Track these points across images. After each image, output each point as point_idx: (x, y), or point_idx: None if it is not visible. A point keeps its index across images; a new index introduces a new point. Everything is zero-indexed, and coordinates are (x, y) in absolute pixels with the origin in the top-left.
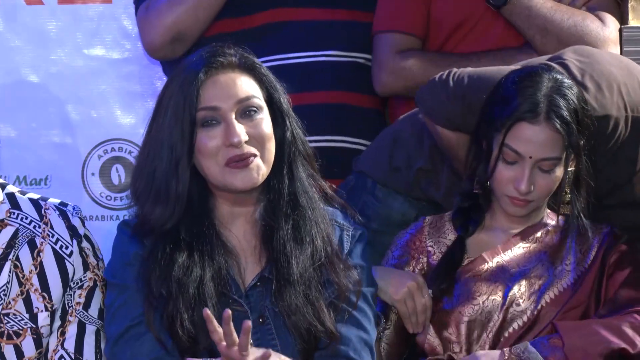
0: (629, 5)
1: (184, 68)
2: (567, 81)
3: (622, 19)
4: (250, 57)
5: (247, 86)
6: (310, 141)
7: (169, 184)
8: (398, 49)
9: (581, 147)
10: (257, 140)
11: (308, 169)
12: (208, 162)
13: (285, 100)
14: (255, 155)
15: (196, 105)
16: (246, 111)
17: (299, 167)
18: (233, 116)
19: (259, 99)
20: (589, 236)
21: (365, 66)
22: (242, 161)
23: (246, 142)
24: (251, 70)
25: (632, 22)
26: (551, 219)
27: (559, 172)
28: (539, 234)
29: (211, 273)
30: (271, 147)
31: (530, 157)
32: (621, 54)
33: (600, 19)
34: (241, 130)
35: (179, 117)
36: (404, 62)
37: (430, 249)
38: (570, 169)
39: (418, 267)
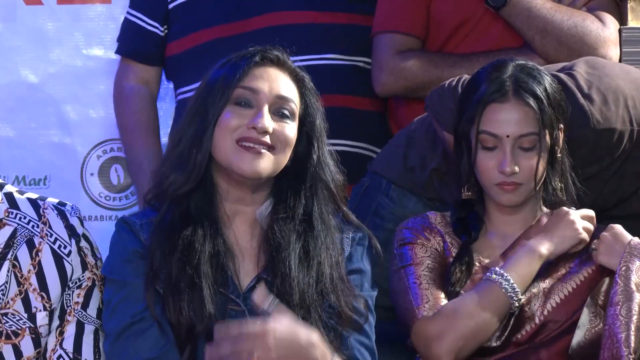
0: (629, 6)
1: (240, 53)
2: (532, 64)
3: (622, 19)
4: (304, 74)
5: (290, 90)
6: None
7: (190, 151)
8: (398, 49)
9: (554, 122)
10: (278, 138)
11: (329, 195)
12: (223, 137)
13: (321, 125)
14: (269, 148)
15: (237, 82)
16: (280, 111)
17: (319, 191)
18: (267, 107)
19: (296, 108)
20: (593, 234)
21: (365, 69)
22: (254, 147)
23: (269, 135)
24: (299, 82)
25: (632, 22)
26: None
27: (540, 151)
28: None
29: (210, 252)
30: (287, 153)
31: (508, 136)
32: (620, 54)
33: (601, 20)
34: (269, 123)
35: (218, 90)
36: (404, 63)
37: (443, 235)
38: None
39: (435, 247)
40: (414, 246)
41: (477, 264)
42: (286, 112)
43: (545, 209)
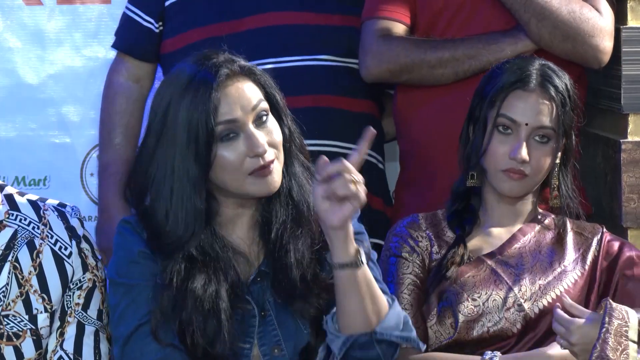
0: (628, 5)
1: (188, 83)
2: (555, 66)
3: (622, 19)
4: (247, 63)
5: (253, 92)
6: None
7: (190, 200)
8: (382, 33)
9: (572, 123)
10: (272, 146)
11: (303, 161)
12: (231, 175)
13: (280, 98)
14: (272, 161)
15: (214, 122)
16: (259, 117)
17: (294, 162)
18: (252, 126)
19: (265, 102)
20: (587, 236)
21: (358, 71)
22: (265, 169)
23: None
24: (251, 75)
25: (632, 22)
26: (545, 218)
27: (553, 148)
28: (533, 233)
29: (226, 287)
30: (282, 149)
31: (527, 124)
32: (620, 54)
33: (598, 10)
34: (263, 140)
35: (192, 135)
36: (387, 46)
37: (432, 241)
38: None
39: (418, 260)
40: (398, 260)
41: (468, 256)
42: (264, 113)
43: (541, 210)
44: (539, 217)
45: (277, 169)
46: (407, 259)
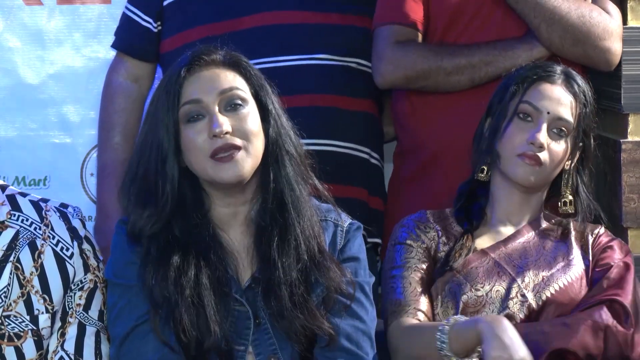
0: (628, 5)
1: (169, 71)
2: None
3: (622, 19)
4: (236, 54)
5: (231, 79)
6: None
7: (157, 184)
8: (396, 39)
9: (590, 126)
10: (241, 133)
11: (296, 167)
12: (196, 157)
13: (270, 99)
14: (238, 148)
15: (179, 101)
16: (231, 104)
17: (285, 165)
18: (216, 108)
19: (244, 92)
20: (587, 233)
21: (357, 70)
22: (226, 154)
23: (230, 134)
24: (236, 66)
25: (632, 22)
26: (550, 217)
27: (568, 145)
28: (537, 230)
29: (207, 273)
30: (257, 142)
31: (548, 113)
32: (620, 55)
33: (607, 12)
34: (224, 121)
35: (163, 116)
36: (403, 52)
37: (440, 232)
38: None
39: (422, 248)
40: (403, 247)
41: (476, 248)
42: (238, 101)
43: (545, 211)
44: (545, 216)
45: (243, 158)
46: (412, 245)
